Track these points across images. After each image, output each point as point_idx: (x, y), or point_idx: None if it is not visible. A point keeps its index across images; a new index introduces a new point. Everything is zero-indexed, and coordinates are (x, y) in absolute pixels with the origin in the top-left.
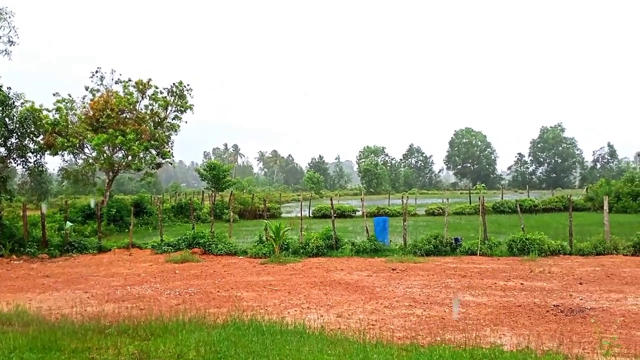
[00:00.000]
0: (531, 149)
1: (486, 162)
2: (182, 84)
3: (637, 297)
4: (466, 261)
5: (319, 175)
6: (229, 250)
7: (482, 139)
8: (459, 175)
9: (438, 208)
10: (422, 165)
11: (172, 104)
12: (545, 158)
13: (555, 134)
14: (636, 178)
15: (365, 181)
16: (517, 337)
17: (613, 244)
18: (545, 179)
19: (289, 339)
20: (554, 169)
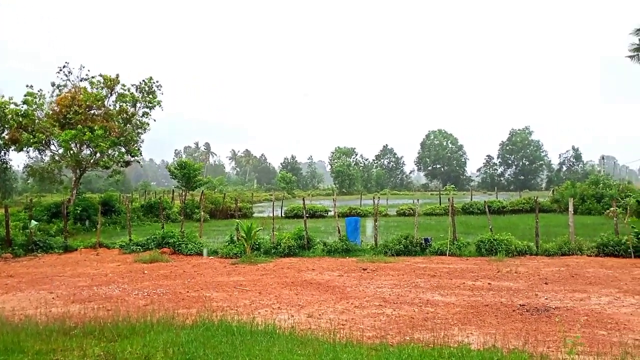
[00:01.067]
0: (500, 151)
1: (456, 164)
2: (152, 80)
3: (600, 296)
4: (436, 261)
5: (291, 175)
6: (200, 250)
7: (453, 141)
8: (430, 177)
9: (409, 209)
10: (394, 166)
11: (140, 100)
12: (513, 160)
13: (523, 136)
14: (600, 181)
15: (338, 182)
16: (484, 336)
17: (577, 244)
18: (514, 181)
19: (259, 340)
20: (521, 171)
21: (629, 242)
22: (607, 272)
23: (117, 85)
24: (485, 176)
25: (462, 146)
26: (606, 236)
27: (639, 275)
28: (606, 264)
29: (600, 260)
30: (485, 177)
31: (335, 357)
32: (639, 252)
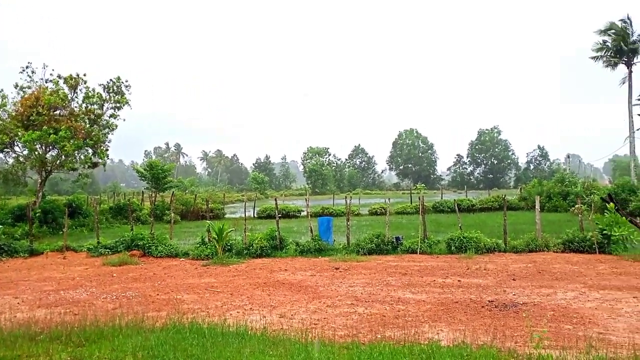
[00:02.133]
0: (469, 150)
1: (427, 163)
2: (120, 79)
3: (566, 292)
4: (407, 259)
5: (263, 176)
6: (170, 252)
7: (424, 140)
8: (401, 176)
9: (381, 208)
10: (366, 165)
11: (108, 100)
12: (482, 159)
13: (491, 136)
14: (566, 179)
15: (311, 181)
16: (454, 333)
17: (544, 241)
18: (483, 180)
19: (230, 341)
20: (490, 170)
21: (594, 239)
22: (573, 267)
23: (80, 84)
24: (455, 175)
25: (432, 145)
26: (572, 233)
27: (604, 270)
28: (572, 259)
29: (566, 256)
30: (455, 176)
31: (307, 356)
32: (603, 248)
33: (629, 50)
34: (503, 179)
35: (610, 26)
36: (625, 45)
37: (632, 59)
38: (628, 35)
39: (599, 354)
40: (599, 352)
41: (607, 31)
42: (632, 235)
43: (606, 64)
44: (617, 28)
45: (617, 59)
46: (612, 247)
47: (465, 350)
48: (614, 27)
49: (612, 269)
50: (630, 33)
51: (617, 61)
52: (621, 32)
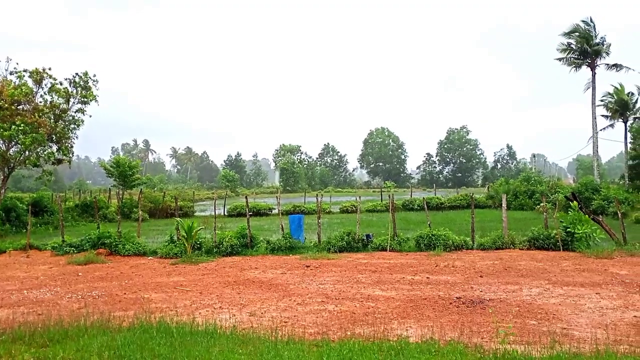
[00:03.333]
0: (439, 149)
1: (397, 162)
2: (87, 74)
3: (531, 288)
4: (377, 257)
5: (234, 173)
6: (138, 250)
7: (395, 139)
8: (372, 174)
9: (351, 206)
10: (337, 164)
11: (74, 95)
12: (451, 158)
13: (460, 135)
14: (532, 177)
15: (282, 179)
16: (422, 329)
17: (510, 239)
18: (452, 178)
19: (199, 340)
20: (459, 169)
21: (558, 236)
22: (538, 264)
23: (46, 79)
24: (425, 173)
25: (403, 144)
26: (537, 230)
27: (567, 267)
28: (537, 256)
29: (531, 253)
30: (424, 174)
31: (276, 354)
32: (567, 246)
33: (592, 52)
34: (471, 177)
35: (575, 28)
36: (588, 46)
37: (595, 60)
38: (591, 37)
39: (562, 348)
40: (562, 347)
41: (571, 33)
42: (594, 232)
43: (571, 66)
44: (581, 30)
45: (581, 61)
46: (575, 244)
47: (434, 346)
48: (578, 30)
49: (576, 266)
50: (594, 35)
51: (581, 62)
52: (585, 33)
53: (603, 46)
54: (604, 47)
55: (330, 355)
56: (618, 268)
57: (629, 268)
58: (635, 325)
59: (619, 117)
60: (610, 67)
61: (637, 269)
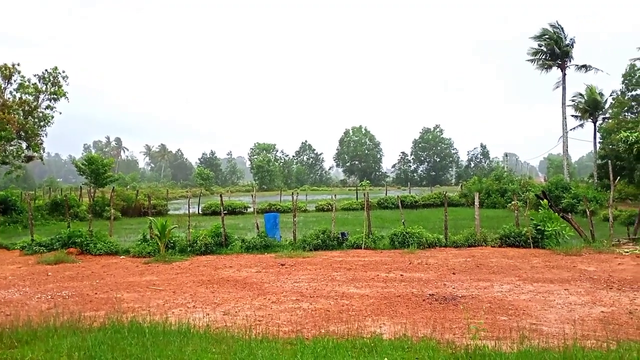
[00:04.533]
0: (413, 148)
1: (373, 160)
2: (57, 70)
3: (502, 284)
4: (352, 254)
5: (209, 171)
6: (110, 249)
7: (370, 138)
8: (348, 172)
9: (327, 204)
10: (313, 162)
11: (44, 91)
12: (425, 157)
13: (434, 134)
14: (504, 176)
15: (258, 177)
16: (396, 326)
17: (483, 236)
18: (426, 177)
19: (172, 340)
20: (433, 167)
21: (528, 234)
22: (509, 261)
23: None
24: (400, 172)
25: (379, 143)
26: (508, 228)
27: (537, 264)
28: (508, 254)
29: (502, 250)
30: (399, 173)
31: (250, 353)
32: (537, 243)
33: (562, 54)
34: (445, 176)
35: (544, 32)
36: (558, 48)
37: (565, 62)
38: (560, 39)
39: (531, 343)
40: (532, 342)
41: (541, 36)
42: (564, 230)
43: (541, 67)
44: (550, 33)
45: (551, 62)
46: (545, 241)
47: (407, 342)
48: (547, 33)
49: (545, 263)
50: (563, 37)
51: (551, 64)
52: (554, 36)
53: (572, 47)
54: (573, 48)
55: (304, 353)
56: (586, 265)
57: (596, 265)
58: (602, 321)
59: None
60: (579, 68)
61: (605, 266)
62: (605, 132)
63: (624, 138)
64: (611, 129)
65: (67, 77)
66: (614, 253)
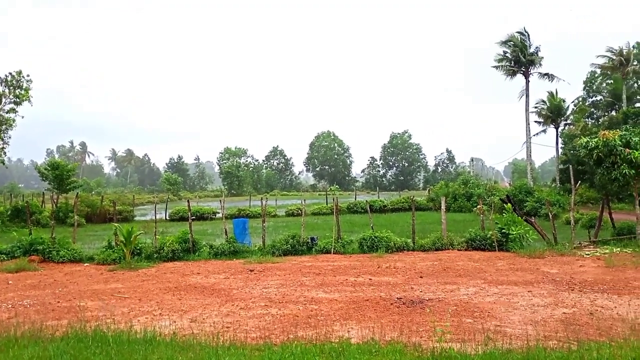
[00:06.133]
0: (382, 153)
1: (342, 165)
2: (21, 73)
3: (468, 287)
4: (321, 259)
5: (177, 177)
6: (73, 257)
7: (340, 143)
8: (318, 177)
9: (297, 209)
10: (283, 167)
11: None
12: (394, 162)
13: (403, 139)
14: (470, 181)
15: (227, 183)
16: (364, 330)
17: (449, 240)
18: (394, 181)
19: (137, 348)
20: (402, 172)
21: (494, 237)
22: (475, 264)
23: None
24: (369, 177)
25: (348, 148)
26: (474, 232)
27: (502, 267)
28: (474, 257)
29: (468, 254)
30: (368, 177)
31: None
32: (502, 246)
33: (526, 61)
34: (413, 180)
35: (510, 38)
36: (523, 56)
37: (529, 69)
38: (526, 47)
39: (495, 345)
40: (496, 344)
41: (507, 42)
42: (527, 233)
43: (506, 74)
44: (516, 40)
45: (515, 69)
46: (510, 244)
47: (374, 346)
48: (513, 40)
49: (510, 265)
50: (528, 45)
51: (516, 70)
52: (520, 43)
53: (537, 56)
54: (537, 56)
55: (271, 359)
56: (549, 267)
57: (559, 267)
58: (564, 322)
59: (551, 123)
60: (542, 76)
61: (567, 268)
62: (567, 137)
63: (584, 143)
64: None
65: (31, 81)
66: (576, 255)
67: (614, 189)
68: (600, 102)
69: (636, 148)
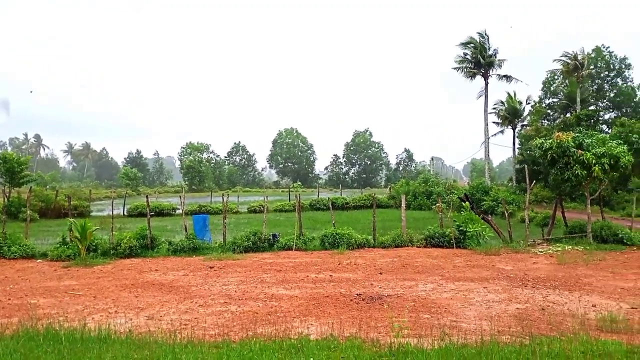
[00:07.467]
0: (345, 151)
1: (306, 162)
2: None
3: (426, 284)
4: (282, 256)
5: (136, 171)
6: (25, 253)
7: (303, 140)
8: (281, 174)
9: (259, 205)
10: (246, 163)
11: None
12: (357, 160)
13: (365, 138)
14: (430, 179)
15: (188, 178)
16: (323, 326)
17: (409, 237)
18: (357, 179)
19: (91, 347)
20: (364, 170)
21: (452, 234)
22: (433, 261)
23: None
24: (332, 174)
25: (311, 145)
26: (433, 229)
27: (459, 263)
28: (432, 254)
29: (427, 250)
30: (332, 175)
31: (174, 358)
32: (459, 243)
33: (485, 63)
34: (375, 178)
35: (470, 40)
36: (482, 58)
37: (488, 71)
38: (485, 49)
39: (451, 340)
40: (451, 339)
41: (467, 44)
42: (484, 231)
43: (466, 75)
44: (476, 42)
45: (475, 71)
46: (467, 242)
47: (333, 342)
48: (473, 42)
49: (467, 262)
50: (487, 47)
51: (475, 72)
52: (479, 46)
53: (496, 58)
54: (496, 58)
55: (230, 356)
56: (504, 264)
57: (513, 264)
58: (517, 317)
59: (508, 124)
60: (501, 78)
61: (521, 265)
62: (524, 138)
63: (539, 144)
64: (529, 135)
65: None
66: (530, 253)
67: (567, 189)
68: (556, 104)
69: (588, 150)
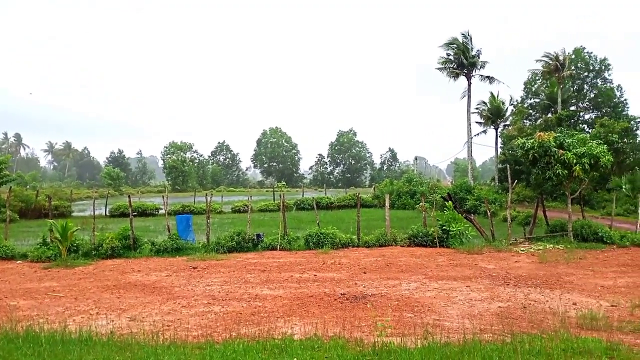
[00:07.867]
0: (330, 150)
1: (290, 162)
2: None
3: (409, 283)
4: (267, 256)
5: (118, 171)
6: (5, 254)
7: (288, 140)
8: (266, 174)
9: (244, 205)
10: (230, 162)
11: None
12: (341, 159)
13: (349, 137)
14: (413, 179)
15: (171, 178)
16: (307, 326)
17: (393, 236)
18: (342, 179)
19: (71, 349)
20: (348, 170)
21: (435, 234)
22: (417, 260)
23: None
24: (317, 174)
25: (296, 145)
26: (416, 228)
27: (442, 262)
28: (416, 253)
29: (411, 250)
30: (316, 174)
31: (156, 359)
32: (443, 242)
33: (468, 64)
34: (360, 178)
35: (453, 41)
36: (465, 59)
37: (471, 71)
38: (468, 50)
39: (434, 338)
40: (434, 337)
41: (450, 45)
42: (467, 230)
43: (449, 75)
44: (459, 43)
45: (458, 71)
46: (450, 241)
47: (317, 342)
48: (456, 42)
49: (450, 261)
50: (470, 48)
51: (459, 73)
52: (462, 46)
53: (479, 59)
54: (479, 59)
55: (213, 357)
56: (486, 262)
57: (495, 262)
58: (499, 315)
59: (491, 124)
60: (484, 79)
61: (503, 264)
62: (506, 138)
63: (521, 144)
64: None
65: None
66: (512, 251)
67: (548, 188)
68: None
69: (569, 149)
